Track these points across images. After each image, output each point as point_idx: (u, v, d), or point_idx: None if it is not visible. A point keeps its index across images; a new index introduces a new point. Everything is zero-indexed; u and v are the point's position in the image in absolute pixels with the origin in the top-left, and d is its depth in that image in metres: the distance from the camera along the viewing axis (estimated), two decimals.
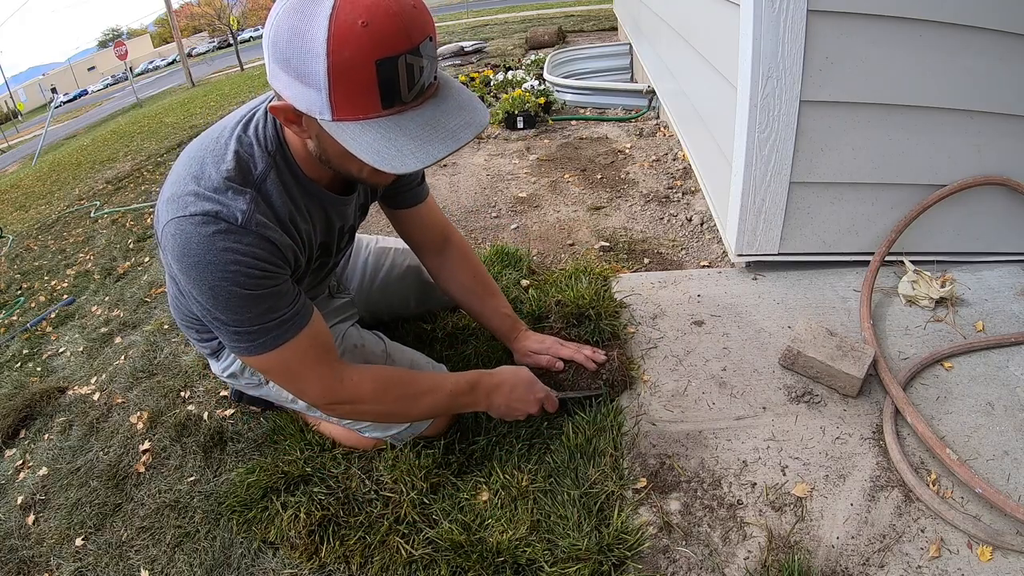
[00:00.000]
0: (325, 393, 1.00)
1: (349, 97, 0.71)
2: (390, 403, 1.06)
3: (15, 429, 1.73)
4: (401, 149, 0.74)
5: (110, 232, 3.67)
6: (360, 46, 0.68)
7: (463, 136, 0.77)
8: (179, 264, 0.85)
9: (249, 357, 0.94)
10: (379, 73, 0.70)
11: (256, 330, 0.90)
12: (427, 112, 0.76)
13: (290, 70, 0.72)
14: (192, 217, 0.83)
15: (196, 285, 0.86)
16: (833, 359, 1.18)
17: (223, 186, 0.85)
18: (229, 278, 0.84)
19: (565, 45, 6.33)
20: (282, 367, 0.96)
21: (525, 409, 1.16)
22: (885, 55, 1.28)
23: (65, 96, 40.86)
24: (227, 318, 0.88)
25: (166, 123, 8.87)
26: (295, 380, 0.99)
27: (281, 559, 1.10)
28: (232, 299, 0.86)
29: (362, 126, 0.73)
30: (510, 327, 1.33)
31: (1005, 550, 0.88)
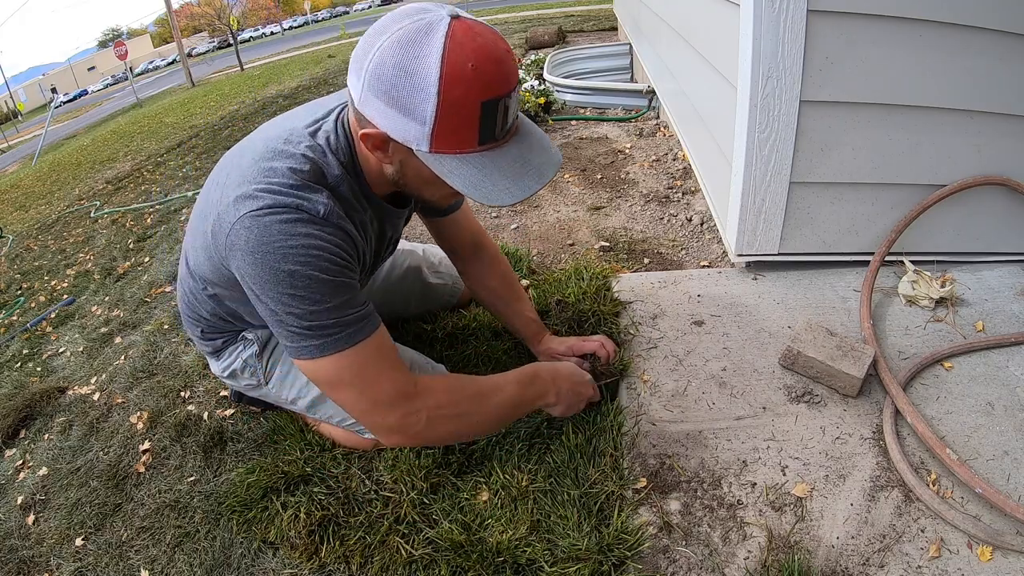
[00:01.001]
0: (400, 397, 0.92)
1: (451, 133, 0.77)
2: (465, 403, 0.99)
3: (15, 429, 1.73)
4: (496, 184, 0.80)
5: (110, 232, 3.67)
6: (469, 87, 0.73)
7: (547, 174, 0.84)
8: (252, 257, 0.82)
9: (319, 358, 0.87)
10: (482, 113, 0.76)
11: (332, 324, 0.85)
12: (514, 150, 0.83)
13: (392, 102, 0.76)
14: (271, 209, 0.82)
15: (272, 276, 0.82)
16: (833, 359, 1.18)
17: (301, 184, 0.86)
18: (311, 263, 0.82)
19: (565, 45, 6.33)
20: (356, 370, 0.89)
21: (586, 393, 1.16)
22: (885, 55, 1.28)
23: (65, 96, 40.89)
24: (303, 310, 0.84)
25: (166, 123, 8.87)
26: (370, 385, 0.90)
27: (281, 559, 1.10)
28: (312, 286, 0.83)
29: (459, 160, 0.79)
30: (535, 332, 1.34)
31: (1005, 550, 0.88)
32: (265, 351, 1.21)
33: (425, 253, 1.56)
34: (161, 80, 28.64)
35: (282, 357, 1.21)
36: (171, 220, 3.48)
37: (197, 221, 1.02)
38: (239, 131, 5.62)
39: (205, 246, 0.98)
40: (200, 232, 0.99)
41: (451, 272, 1.59)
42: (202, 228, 0.97)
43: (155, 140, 7.34)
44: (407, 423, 0.93)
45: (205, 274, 1.04)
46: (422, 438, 0.98)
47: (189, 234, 1.10)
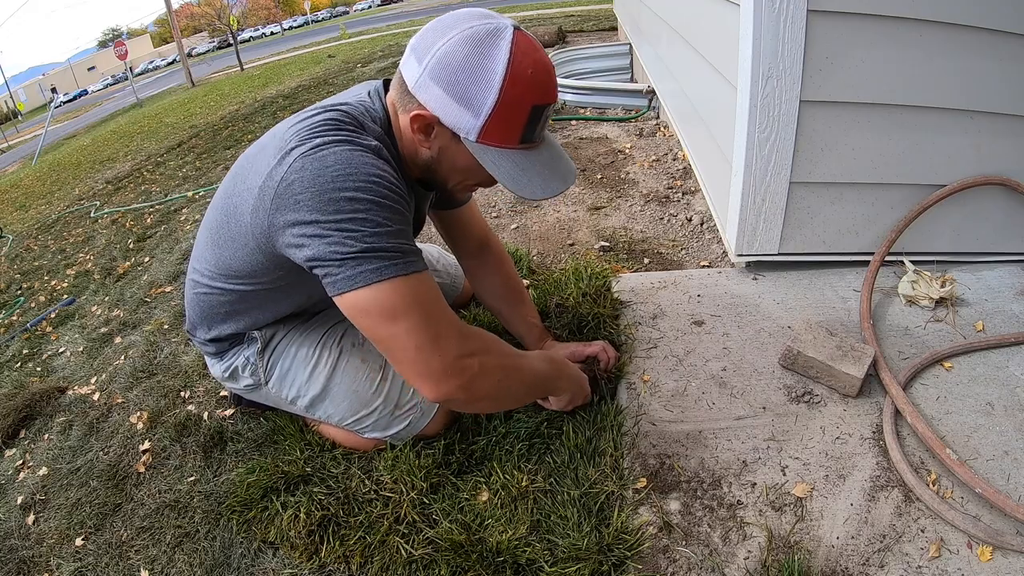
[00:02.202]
0: (458, 332, 0.88)
1: (500, 128, 0.84)
2: (511, 358, 0.97)
3: (15, 429, 1.73)
4: (532, 180, 0.88)
5: (110, 232, 3.68)
6: (526, 90, 0.82)
7: (570, 180, 0.94)
8: (310, 192, 0.81)
9: (377, 283, 0.82)
10: (530, 115, 0.85)
11: (392, 248, 0.83)
12: (545, 153, 0.92)
13: (452, 90, 0.82)
14: (325, 147, 0.83)
15: (332, 204, 0.80)
16: (833, 359, 1.18)
17: (349, 131, 0.88)
18: (371, 188, 0.82)
19: (565, 45, 6.33)
20: (417, 298, 0.85)
21: (585, 391, 1.18)
22: (885, 55, 1.28)
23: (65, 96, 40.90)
24: (363, 231, 0.81)
25: (166, 123, 8.87)
26: (431, 315, 0.86)
27: (281, 559, 1.10)
28: (372, 209, 0.82)
29: (500, 153, 0.87)
30: (537, 337, 1.34)
31: (1005, 550, 0.88)
32: (267, 349, 1.21)
33: (423, 252, 1.56)
34: (161, 80, 28.65)
35: (283, 354, 1.21)
36: (171, 220, 3.48)
37: (219, 217, 1.01)
38: (239, 131, 5.62)
39: (239, 232, 0.95)
40: (227, 224, 0.98)
41: (449, 271, 1.59)
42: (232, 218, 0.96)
43: (155, 140, 7.34)
44: (465, 365, 0.88)
45: (233, 266, 1.02)
46: (474, 389, 0.90)
47: (204, 234, 1.08)
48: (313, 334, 1.21)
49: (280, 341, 1.22)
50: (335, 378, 1.18)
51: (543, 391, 1.12)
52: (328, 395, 1.19)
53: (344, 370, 1.18)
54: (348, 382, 1.17)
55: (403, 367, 0.88)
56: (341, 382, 1.18)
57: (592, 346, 1.31)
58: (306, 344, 1.20)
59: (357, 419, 1.18)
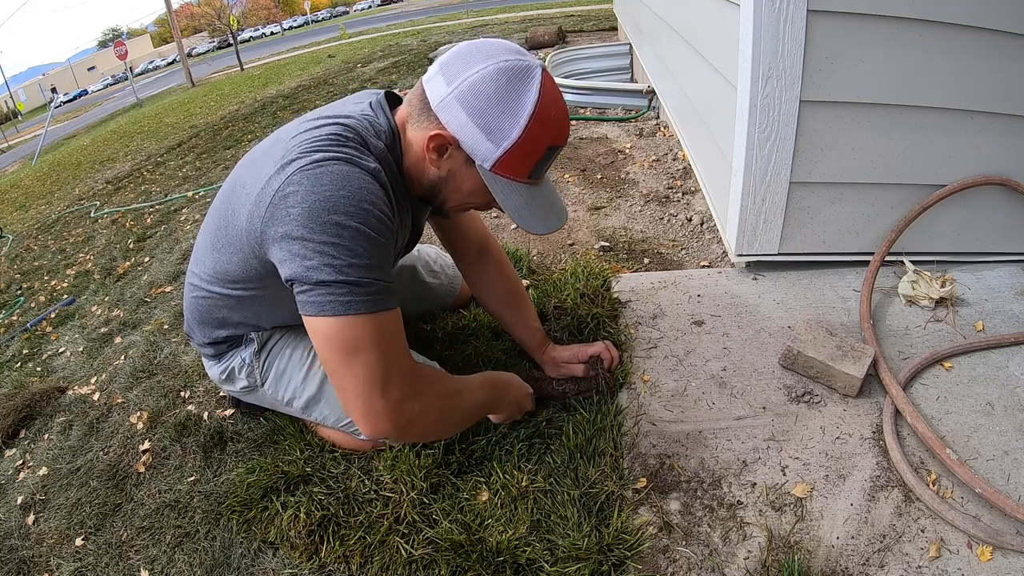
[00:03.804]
0: (405, 378, 0.90)
1: (515, 162, 0.88)
2: (445, 397, 0.99)
3: (15, 429, 1.73)
4: (534, 215, 0.93)
5: (110, 232, 3.68)
6: (547, 130, 0.87)
7: (563, 218, 0.99)
8: (301, 208, 0.82)
9: (342, 316, 0.84)
10: (545, 155, 0.89)
11: (366, 283, 0.84)
12: (546, 190, 0.97)
13: (478, 118, 0.84)
14: (325, 163, 0.84)
15: (320, 223, 0.81)
16: (833, 359, 1.18)
17: (350, 148, 0.89)
18: (360, 216, 0.83)
19: (565, 45, 6.33)
20: (377, 336, 0.86)
21: (527, 406, 1.21)
22: (885, 55, 1.28)
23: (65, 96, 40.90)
24: (343, 262, 0.82)
25: (166, 123, 8.87)
26: (385, 356, 0.87)
27: (281, 559, 1.10)
28: (357, 239, 0.83)
29: (510, 185, 0.90)
30: (539, 341, 1.34)
31: (1005, 550, 0.88)
32: (263, 350, 1.21)
33: (420, 252, 1.56)
34: (161, 80, 28.65)
35: (278, 355, 1.21)
36: (171, 220, 3.48)
37: (219, 221, 1.01)
38: (239, 131, 5.62)
39: (236, 238, 0.96)
40: (226, 229, 0.98)
41: (447, 272, 1.59)
42: (230, 223, 0.96)
43: (155, 140, 7.34)
44: (405, 409, 0.90)
45: (230, 271, 1.02)
46: (410, 429, 0.93)
47: (204, 238, 1.08)
48: (308, 336, 1.21)
49: (276, 343, 1.22)
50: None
51: (480, 417, 1.15)
52: (323, 396, 1.19)
53: None
54: None
55: (346, 401, 0.89)
56: None
57: (594, 346, 1.31)
58: (301, 346, 1.20)
59: (352, 420, 1.18)
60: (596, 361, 1.28)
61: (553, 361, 1.31)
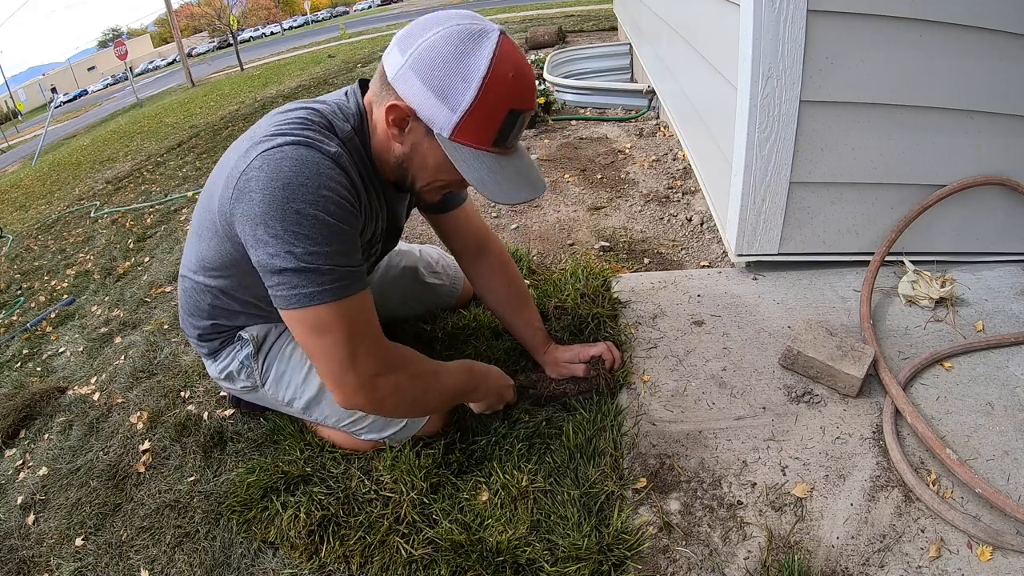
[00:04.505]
0: (376, 356, 0.93)
1: (475, 127, 0.84)
2: (422, 377, 1.02)
3: (15, 429, 1.73)
4: (500, 184, 0.88)
5: (110, 232, 3.67)
6: (505, 92, 0.83)
7: (539, 189, 0.95)
8: (262, 194, 0.83)
9: (312, 306, 0.87)
10: (506, 119, 0.85)
11: (328, 271, 0.86)
12: (516, 161, 0.92)
13: (431, 84, 0.82)
14: (285, 147, 0.85)
15: (279, 211, 0.82)
16: (833, 359, 1.18)
17: (313, 131, 0.89)
18: (319, 203, 0.84)
19: (565, 45, 6.33)
20: (344, 321, 0.89)
21: (507, 396, 1.23)
22: (885, 55, 1.28)
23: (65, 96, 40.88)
24: (303, 251, 0.83)
25: (166, 123, 8.87)
26: (352, 338, 0.90)
27: (281, 559, 1.10)
28: (316, 227, 0.84)
29: (472, 153, 0.86)
30: (541, 341, 1.33)
31: (1005, 550, 0.88)
32: (261, 351, 1.21)
33: (422, 253, 1.56)
34: (161, 80, 28.64)
35: (278, 357, 1.21)
36: (171, 220, 3.48)
37: (200, 212, 1.04)
38: (239, 131, 5.61)
39: (211, 223, 0.98)
40: (205, 217, 1.01)
41: (448, 272, 1.59)
42: (207, 211, 0.99)
43: (155, 140, 7.34)
44: (378, 384, 0.94)
45: (209, 259, 1.05)
46: (385, 404, 0.97)
47: (191, 229, 1.11)
48: None
49: (274, 343, 1.22)
50: None
51: (458, 400, 1.18)
52: (324, 397, 1.19)
53: None
54: None
55: (323, 375, 0.94)
56: None
57: (596, 347, 1.31)
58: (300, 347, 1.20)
59: (353, 420, 1.18)
60: (598, 361, 1.28)
61: (555, 361, 1.31)
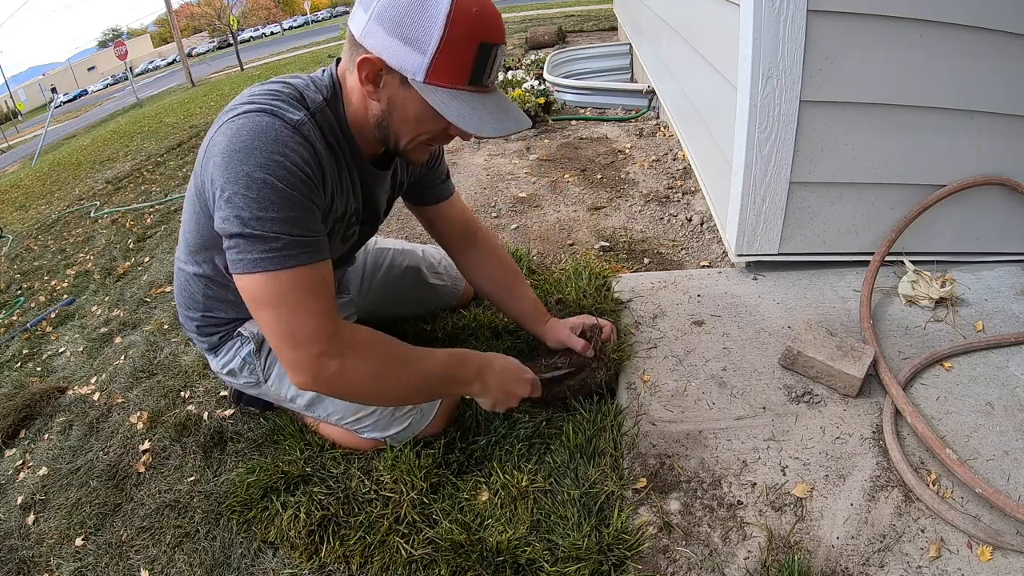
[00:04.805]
0: (320, 335, 0.89)
1: (447, 66, 0.83)
2: (381, 361, 0.96)
3: (15, 429, 1.73)
4: (481, 118, 0.87)
5: (110, 232, 3.67)
6: (472, 26, 0.82)
7: (522, 123, 0.93)
8: (221, 157, 0.84)
9: (253, 273, 0.86)
10: (478, 54, 0.84)
11: (272, 237, 0.84)
12: (495, 98, 0.91)
13: (397, 31, 0.82)
14: (247, 114, 0.86)
15: (231, 172, 0.83)
16: (833, 359, 1.18)
17: (280, 101, 0.89)
18: (270, 168, 0.83)
19: (565, 45, 6.33)
20: (284, 293, 0.87)
21: (518, 392, 1.12)
22: (885, 55, 1.28)
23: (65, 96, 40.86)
24: (250, 215, 0.83)
25: (166, 123, 8.87)
26: (292, 312, 0.88)
27: (281, 559, 1.10)
28: (264, 191, 0.83)
29: (449, 94, 0.85)
30: (538, 313, 1.33)
31: (1005, 550, 0.88)
32: (263, 348, 1.21)
33: (425, 254, 1.56)
34: (161, 80, 28.64)
35: None
36: (171, 220, 3.48)
37: (187, 195, 1.05)
38: None
39: (192, 202, 1.00)
40: (189, 201, 1.02)
41: (450, 273, 1.59)
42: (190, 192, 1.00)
43: (155, 140, 7.33)
44: (323, 365, 0.90)
45: (192, 242, 1.05)
46: (332, 385, 0.94)
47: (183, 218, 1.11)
48: None
49: None
50: None
51: (443, 392, 1.13)
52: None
53: None
54: None
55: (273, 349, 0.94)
56: None
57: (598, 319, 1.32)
58: None
59: (357, 418, 1.18)
60: (596, 330, 1.28)
61: (554, 335, 1.29)
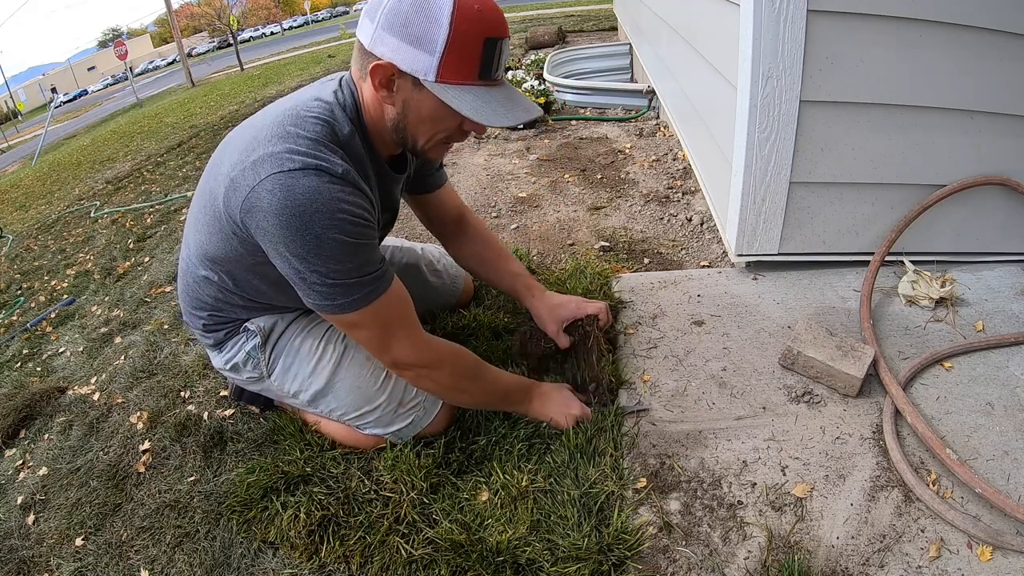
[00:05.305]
0: (414, 351, 1.04)
1: (456, 64, 0.86)
2: (463, 376, 1.11)
3: (15, 429, 1.73)
4: (495, 110, 0.90)
5: (110, 232, 3.67)
6: (476, 23, 0.85)
7: (533, 111, 0.97)
8: (278, 219, 0.87)
9: (344, 315, 0.96)
10: (484, 49, 0.87)
11: (354, 283, 0.93)
12: (505, 90, 0.94)
13: (405, 35, 0.85)
14: (295, 172, 0.87)
15: (299, 236, 0.87)
16: (833, 359, 1.18)
17: (318, 144, 0.91)
18: (336, 226, 0.88)
19: (565, 45, 6.33)
20: (378, 322, 0.99)
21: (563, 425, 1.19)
22: (885, 55, 1.28)
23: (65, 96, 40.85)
24: (328, 270, 0.91)
25: (166, 123, 8.87)
26: (388, 336, 1.01)
27: (281, 559, 1.10)
28: (337, 248, 0.89)
29: (461, 89, 0.88)
30: (528, 284, 1.37)
31: (1005, 550, 0.88)
32: (268, 343, 1.21)
33: (424, 252, 1.57)
34: (161, 80, 28.63)
35: (285, 349, 1.21)
36: (171, 220, 3.48)
37: (201, 202, 1.05)
38: None
39: (215, 218, 0.99)
40: (207, 209, 1.02)
41: (449, 271, 1.59)
42: (210, 204, 1.00)
43: (155, 140, 7.33)
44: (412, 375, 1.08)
45: (211, 252, 1.05)
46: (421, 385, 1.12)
47: (190, 220, 1.11)
48: (317, 328, 1.21)
49: (282, 334, 1.22)
50: (339, 373, 1.18)
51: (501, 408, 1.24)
52: (331, 390, 1.19)
53: (349, 365, 1.18)
54: (352, 378, 1.18)
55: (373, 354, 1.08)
56: (345, 377, 1.18)
57: (592, 304, 1.34)
58: (310, 338, 1.20)
59: (360, 414, 1.18)
60: (593, 320, 1.30)
61: (549, 307, 1.33)
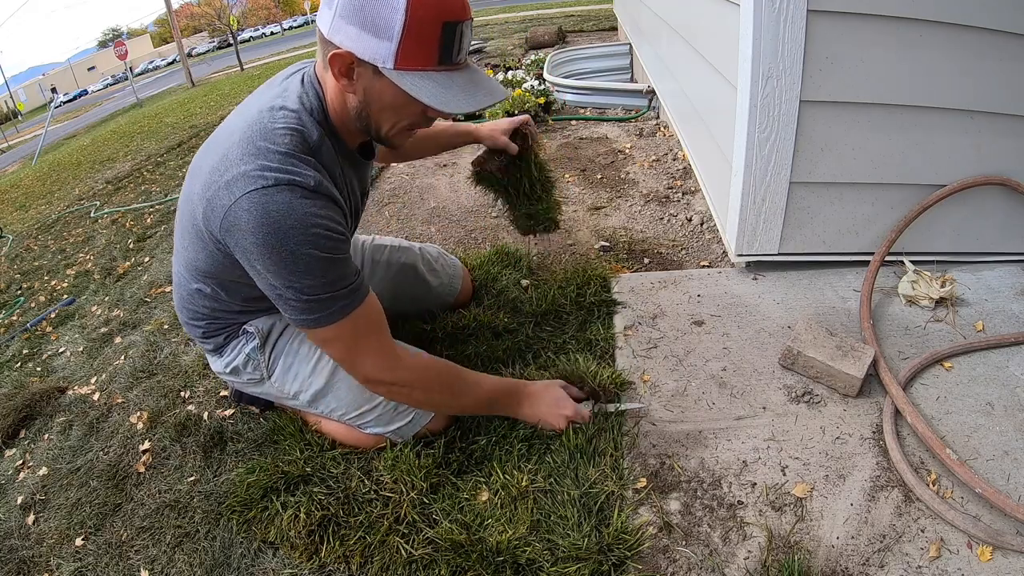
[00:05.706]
0: (384, 368, 1.04)
1: (415, 50, 0.85)
2: (436, 391, 1.12)
3: (15, 429, 1.73)
4: (455, 96, 0.89)
5: (110, 232, 3.67)
6: (433, 8, 0.83)
7: (498, 94, 0.94)
8: (256, 235, 0.87)
9: (318, 329, 0.97)
10: (443, 33, 0.85)
11: (328, 298, 0.93)
12: (467, 75, 0.92)
13: (362, 23, 0.83)
14: (268, 189, 0.87)
15: (275, 253, 0.88)
16: (833, 359, 1.18)
17: (289, 156, 0.91)
18: (311, 241, 0.89)
19: (565, 45, 6.33)
20: (347, 337, 0.99)
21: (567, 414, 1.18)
22: (885, 55, 1.28)
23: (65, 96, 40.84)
24: (303, 285, 0.91)
25: (166, 123, 8.87)
26: (357, 352, 1.01)
27: (281, 559, 1.10)
28: (312, 264, 0.90)
29: (421, 76, 0.87)
30: (464, 127, 1.48)
31: (1005, 550, 0.88)
32: (267, 344, 1.21)
33: (422, 251, 1.56)
34: (161, 80, 28.63)
35: (285, 350, 1.21)
36: (171, 220, 3.48)
37: (184, 219, 1.05)
38: None
39: (197, 235, 1.00)
40: (190, 228, 1.02)
41: (447, 270, 1.59)
42: (191, 223, 1.00)
43: (155, 140, 7.33)
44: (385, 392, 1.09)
45: (200, 267, 1.06)
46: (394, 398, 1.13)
47: (178, 232, 1.11)
48: None
49: (280, 336, 1.22)
50: (339, 372, 1.18)
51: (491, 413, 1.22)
52: (331, 389, 1.20)
53: None
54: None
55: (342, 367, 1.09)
56: (345, 376, 1.18)
57: (520, 117, 1.45)
58: (308, 340, 1.20)
59: (360, 413, 1.19)
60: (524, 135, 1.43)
61: (488, 128, 1.45)
